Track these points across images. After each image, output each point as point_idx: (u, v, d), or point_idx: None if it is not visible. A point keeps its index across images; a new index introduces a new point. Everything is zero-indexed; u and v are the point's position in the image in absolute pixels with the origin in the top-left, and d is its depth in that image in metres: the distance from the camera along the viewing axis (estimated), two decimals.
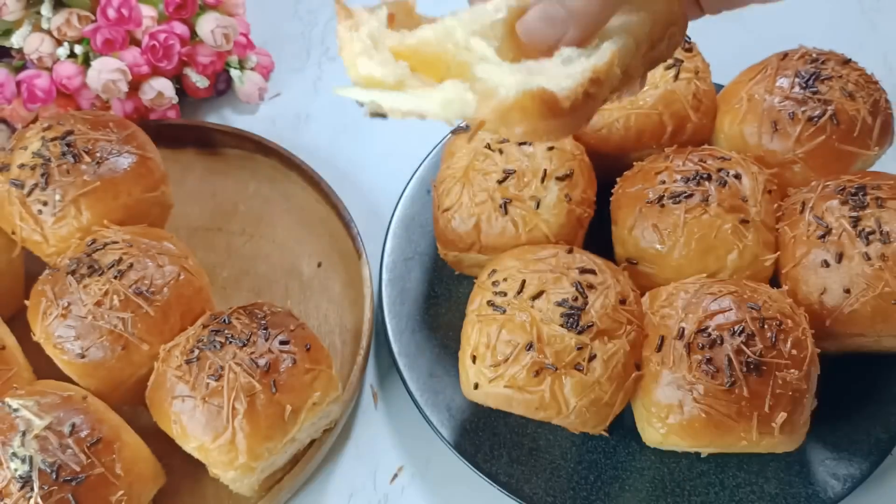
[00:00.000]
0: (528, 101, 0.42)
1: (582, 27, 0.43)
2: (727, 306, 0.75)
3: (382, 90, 0.44)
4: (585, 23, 0.43)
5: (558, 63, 0.44)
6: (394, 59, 0.45)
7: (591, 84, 0.43)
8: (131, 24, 0.99)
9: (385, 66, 0.44)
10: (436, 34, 0.46)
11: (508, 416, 0.81)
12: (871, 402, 0.83)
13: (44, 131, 0.89)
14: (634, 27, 0.48)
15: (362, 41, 0.45)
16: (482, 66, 0.44)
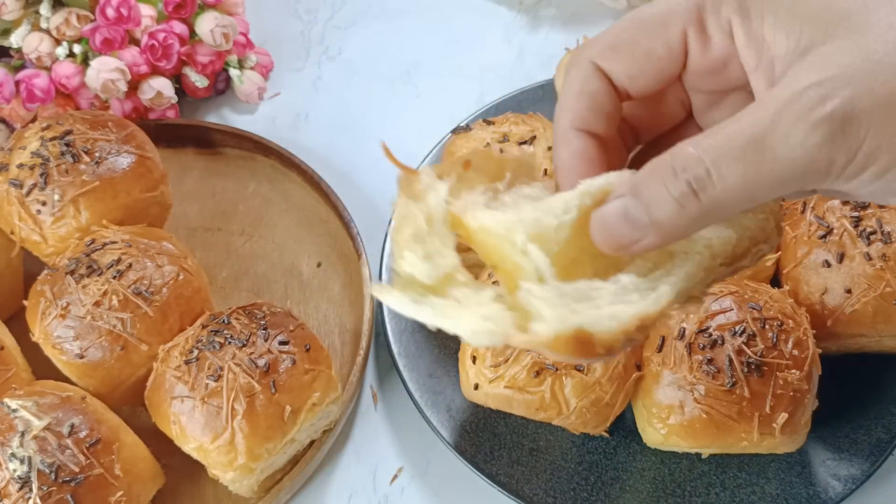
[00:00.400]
0: (563, 343, 0.38)
1: (662, 238, 0.38)
2: (728, 306, 0.75)
3: (418, 295, 0.41)
4: (667, 235, 0.38)
5: (612, 292, 0.39)
6: (443, 248, 0.41)
7: (637, 330, 0.38)
8: (130, 23, 0.99)
9: (429, 260, 0.40)
10: (497, 225, 0.41)
11: (509, 416, 0.81)
12: (872, 402, 0.83)
13: (42, 131, 0.89)
14: (716, 245, 0.41)
15: (415, 224, 0.40)
16: (527, 287, 0.39)
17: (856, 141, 0.34)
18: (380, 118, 1.12)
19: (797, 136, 0.34)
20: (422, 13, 1.24)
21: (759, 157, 0.35)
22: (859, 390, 0.84)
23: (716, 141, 0.36)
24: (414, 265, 0.39)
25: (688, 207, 0.37)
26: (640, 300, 0.39)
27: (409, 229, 0.40)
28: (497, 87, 1.12)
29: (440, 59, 1.18)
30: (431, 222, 0.41)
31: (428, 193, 0.41)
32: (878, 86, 0.34)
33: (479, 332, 0.39)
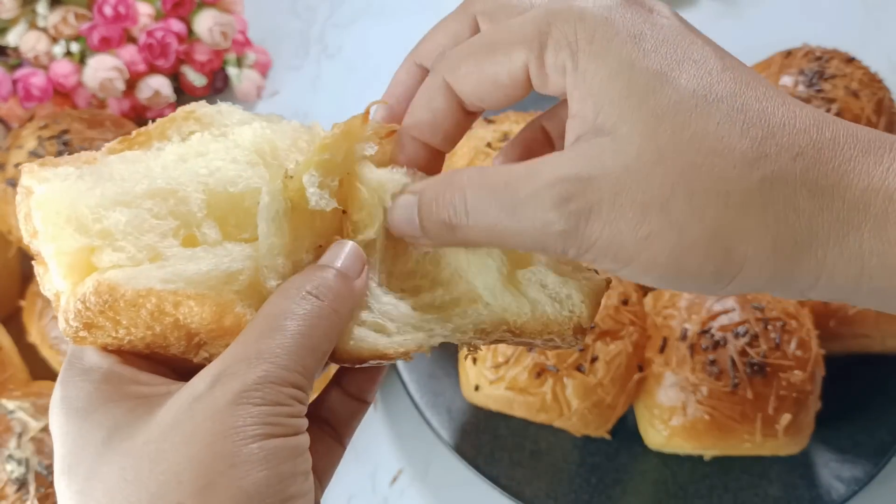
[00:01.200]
0: None
1: (433, 245, 0.44)
2: (731, 307, 0.74)
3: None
4: (435, 244, 0.43)
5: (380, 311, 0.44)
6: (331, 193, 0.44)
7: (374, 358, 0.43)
8: (128, 21, 0.99)
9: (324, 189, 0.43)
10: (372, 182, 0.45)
11: (509, 418, 0.80)
12: (875, 403, 0.82)
13: (40, 130, 0.88)
14: (509, 314, 0.45)
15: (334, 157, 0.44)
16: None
17: (586, 242, 0.37)
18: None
19: (541, 220, 0.38)
20: (422, 11, 1.23)
21: (508, 219, 0.39)
22: (863, 391, 0.83)
23: (483, 186, 0.40)
24: (311, 184, 0.42)
25: (445, 233, 0.41)
26: (399, 336, 0.43)
27: (327, 155, 0.43)
28: None
29: None
30: (345, 165, 0.44)
31: (361, 142, 0.45)
32: (623, 204, 0.36)
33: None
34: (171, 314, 0.39)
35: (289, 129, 0.45)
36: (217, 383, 0.37)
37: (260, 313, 0.40)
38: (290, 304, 0.39)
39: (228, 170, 0.43)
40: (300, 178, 0.42)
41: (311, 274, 0.41)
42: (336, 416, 0.47)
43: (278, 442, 0.36)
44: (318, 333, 0.39)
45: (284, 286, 0.41)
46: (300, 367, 0.38)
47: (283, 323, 0.39)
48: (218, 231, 0.42)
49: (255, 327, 0.39)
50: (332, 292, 0.40)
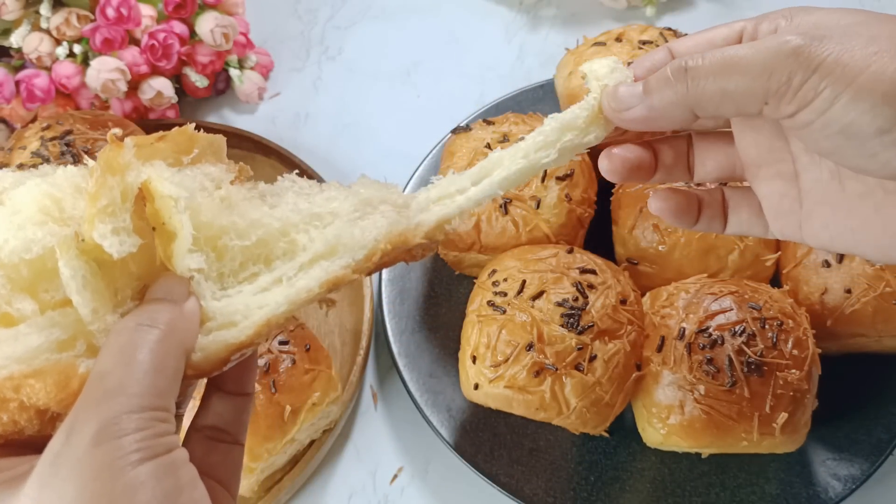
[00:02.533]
0: None
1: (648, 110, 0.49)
2: (728, 306, 0.75)
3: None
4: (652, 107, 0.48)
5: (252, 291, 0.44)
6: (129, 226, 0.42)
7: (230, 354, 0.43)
8: (130, 23, 0.99)
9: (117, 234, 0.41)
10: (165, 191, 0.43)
11: (509, 416, 0.81)
12: (872, 402, 0.83)
13: (43, 131, 0.89)
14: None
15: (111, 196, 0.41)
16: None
17: (817, 57, 0.40)
18: (380, 118, 1.12)
19: (777, 39, 0.41)
20: (422, 13, 1.24)
21: (742, 48, 0.43)
22: (859, 390, 0.83)
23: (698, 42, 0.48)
24: (104, 237, 0.40)
25: (676, 80, 0.44)
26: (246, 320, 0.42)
27: (104, 201, 0.40)
28: (497, 87, 1.12)
29: (440, 59, 1.18)
30: (126, 198, 0.41)
31: (128, 170, 0.42)
32: (851, 31, 0.41)
33: None
34: (14, 398, 0.38)
35: (67, 178, 0.43)
36: (72, 433, 0.36)
37: (97, 359, 0.39)
38: (127, 338, 0.39)
39: (17, 238, 0.40)
40: (90, 237, 0.40)
41: (138, 311, 0.41)
42: (224, 418, 0.47)
43: (152, 464, 0.36)
44: (163, 355, 0.39)
45: (114, 329, 0.40)
46: (153, 390, 0.38)
47: (124, 356, 0.38)
48: (31, 301, 0.41)
49: (97, 372, 0.38)
50: (163, 318, 0.40)
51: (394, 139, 1.10)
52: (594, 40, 0.94)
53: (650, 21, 1.19)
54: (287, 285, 0.43)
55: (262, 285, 0.44)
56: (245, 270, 0.45)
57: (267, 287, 0.44)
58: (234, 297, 0.43)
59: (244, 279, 0.45)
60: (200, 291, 0.43)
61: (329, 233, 0.45)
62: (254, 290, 0.44)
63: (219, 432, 0.47)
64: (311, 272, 0.44)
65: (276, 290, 0.43)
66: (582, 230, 0.86)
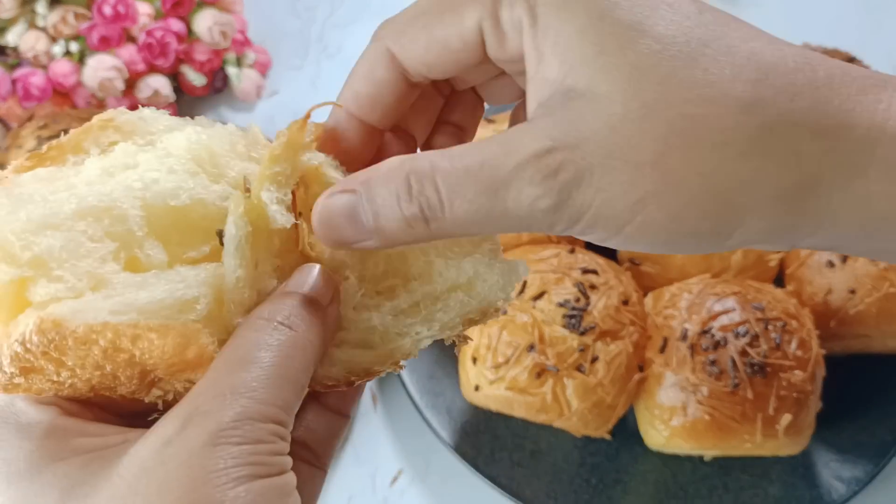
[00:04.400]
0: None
1: (384, 244, 0.38)
2: (731, 307, 0.74)
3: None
4: (389, 244, 0.38)
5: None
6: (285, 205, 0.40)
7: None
8: (127, 21, 0.98)
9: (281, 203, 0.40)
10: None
11: (509, 418, 0.80)
12: (876, 404, 0.82)
13: (39, 130, 0.88)
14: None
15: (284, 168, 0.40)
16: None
17: (577, 213, 0.35)
18: None
19: (528, 198, 0.34)
20: None
21: (491, 204, 0.35)
22: (863, 391, 0.83)
23: (456, 172, 0.35)
24: (272, 201, 0.39)
25: (416, 228, 0.37)
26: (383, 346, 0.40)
27: (279, 167, 0.39)
28: None
29: None
30: (295, 175, 0.40)
31: (306, 150, 0.41)
32: (614, 166, 0.34)
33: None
34: (128, 350, 0.35)
35: (224, 134, 0.41)
36: (189, 424, 0.33)
37: (229, 345, 0.36)
38: (262, 336, 0.36)
39: (167, 181, 0.38)
40: (258, 196, 0.38)
41: (280, 302, 0.38)
42: (315, 435, 0.43)
43: (264, 483, 0.33)
44: (295, 364, 0.36)
45: (252, 317, 0.37)
46: (279, 401, 0.35)
47: (257, 355, 0.35)
48: (163, 251, 0.38)
49: (226, 360, 0.35)
50: (305, 321, 0.37)
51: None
52: None
53: None
54: (427, 315, 0.41)
55: (401, 306, 0.41)
56: (385, 280, 0.42)
57: (405, 311, 0.41)
58: (373, 313, 0.41)
59: (383, 290, 0.42)
60: (345, 294, 0.41)
61: (467, 266, 0.42)
62: (392, 310, 0.41)
63: (305, 450, 0.42)
64: (450, 304, 0.41)
65: (415, 319, 0.41)
66: None
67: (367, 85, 0.41)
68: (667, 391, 0.73)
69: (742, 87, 0.33)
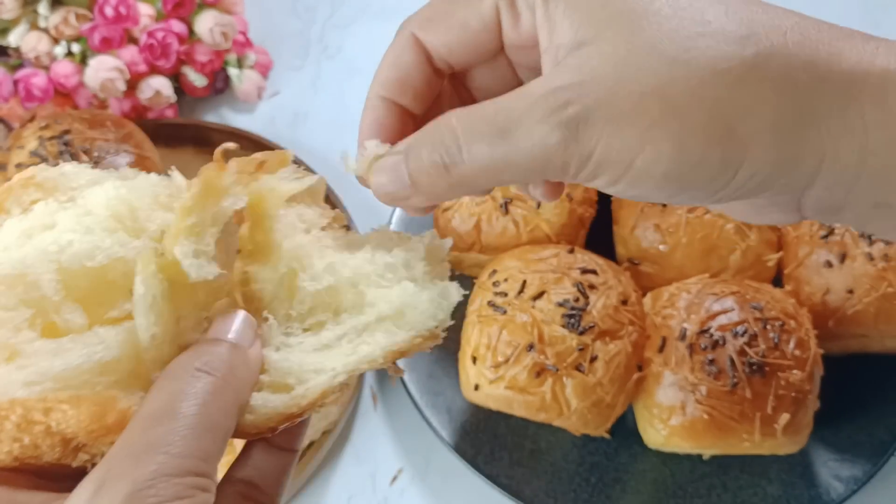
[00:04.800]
0: None
1: (426, 200, 0.41)
2: (729, 307, 0.74)
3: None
4: (427, 198, 0.41)
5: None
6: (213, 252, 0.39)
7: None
8: (129, 22, 0.99)
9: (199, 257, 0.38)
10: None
11: (509, 417, 0.81)
12: (874, 403, 0.82)
13: (41, 130, 0.89)
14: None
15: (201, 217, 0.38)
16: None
17: (587, 149, 0.35)
18: None
19: (538, 135, 0.36)
20: None
21: (505, 145, 0.36)
22: (861, 391, 0.83)
23: (473, 118, 0.37)
24: (186, 256, 0.37)
25: (440, 177, 0.39)
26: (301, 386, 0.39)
27: (195, 219, 0.38)
28: None
29: None
30: (217, 222, 0.39)
31: (225, 194, 0.39)
32: (619, 99, 0.35)
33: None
34: (42, 422, 0.34)
35: (146, 185, 0.40)
36: (101, 489, 0.32)
37: (144, 402, 0.35)
38: (180, 385, 0.35)
39: (83, 242, 0.37)
40: (171, 251, 0.37)
41: (199, 350, 0.37)
42: (262, 473, 0.42)
43: None
44: (215, 411, 0.35)
45: (171, 367, 0.36)
46: (199, 452, 0.34)
47: (175, 406, 0.34)
48: (82, 314, 0.37)
49: (141, 418, 0.34)
50: (226, 365, 0.37)
51: None
52: None
53: None
54: (348, 350, 0.40)
55: (325, 341, 0.41)
56: (312, 317, 0.42)
57: (329, 344, 0.40)
58: (293, 352, 0.40)
59: (309, 327, 0.42)
60: (266, 336, 0.40)
61: (394, 295, 0.41)
62: (315, 345, 0.40)
63: (254, 490, 0.42)
64: (376, 336, 0.41)
65: (336, 354, 0.40)
66: (583, 230, 0.86)
67: (395, 70, 0.43)
68: (665, 390, 0.73)
69: (737, 25, 0.35)
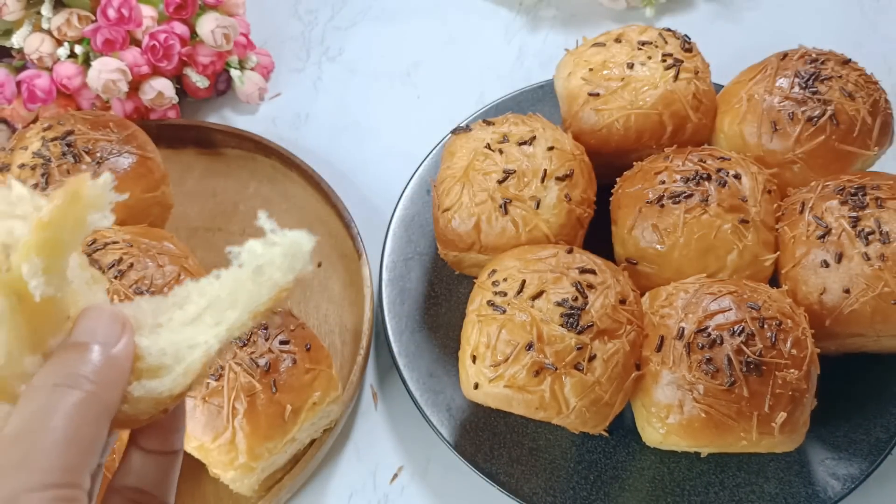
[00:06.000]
0: None
1: None
2: (727, 306, 0.75)
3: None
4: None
5: None
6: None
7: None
8: (131, 24, 0.99)
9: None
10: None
11: (508, 415, 0.81)
12: (870, 401, 0.83)
13: (44, 131, 0.89)
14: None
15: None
16: None
17: None
18: (380, 118, 1.12)
19: None
20: (422, 13, 1.24)
21: None
22: (858, 390, 0.84)
23: None
24: (33, 274, 0.35)
25: None
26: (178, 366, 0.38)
27: (52, 234, 0.36)
28: (497, 88, 1.12)
29: (440, 59, 1.19)
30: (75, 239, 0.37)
31: (92, 208, 0.37)
32: None
33: None
34: None
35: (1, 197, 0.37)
36: None
37: (9, 422, 0.35)
38: (40, 403, 0.35)
39: None
40: (18, 268, 0.35)
41: (59, 361, 0.36)
42: (147, 479, 0.42)
43: None
44: (81, 424, 0.35)
45: (32, 383, 0.36)
46: (62, 465, 0.34)
47: (34, 425, 0.34)
48: None
49: (3, 439, 0.34)
50: (86, 374, 0.36)
51: (394, 139, 1.10)
52: (593, 41, 0.95)
53: (649, 22, 1.19)
54: (215, 320, 0.39)
55: (191, 315, 0.39)
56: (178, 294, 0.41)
57: (196, 317, 0.39)
58: (163, 331, 0.39)
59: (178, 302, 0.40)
60: (139, 320, 0.38)
61: (249, 254, 0.39)
62: (182, 321, 0.39)
63: (142, 494, 0.42)
64: (238, 299, 0.39)
65: (204, 326, 0.39)
66: (581, 230, 0.87)
67: None
68: (663, 389, 0.74)
69: None
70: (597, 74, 0.91)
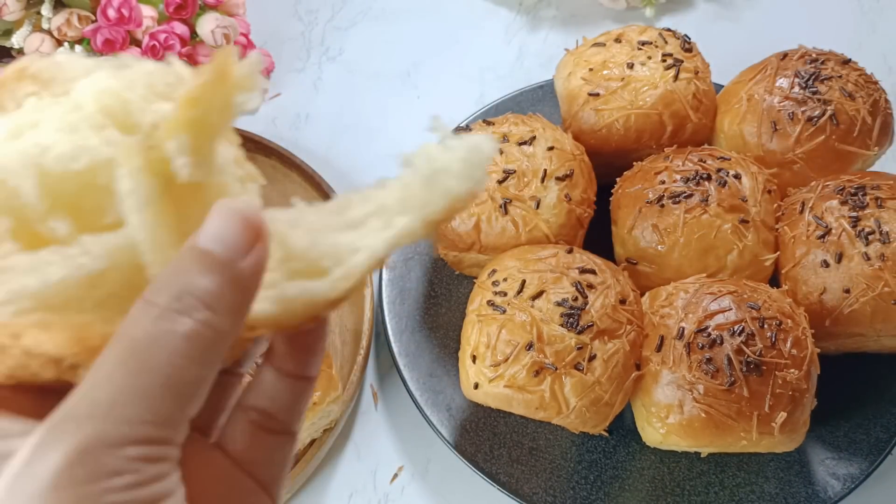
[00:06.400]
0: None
1: None
2: (727, 306, 0.75)
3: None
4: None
5: None
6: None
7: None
8: (131, 24, 0.99)
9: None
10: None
11: (508, 415, 0.81)
12: (870, 401, 0.83)
13: None
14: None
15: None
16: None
17: None
18: (380, 118, 1.12)
19: None
20: (422, 13, 1.24)
21: None
22: (858, 389, 0.84)
23: None
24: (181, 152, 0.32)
25: None
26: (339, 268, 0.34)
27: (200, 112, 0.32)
28: (497, 88, 1.12)
29: (440, 59, 1.19)
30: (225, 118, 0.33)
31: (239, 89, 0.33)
32: None
33: None
34: (17, 345, 0.30)
35: (141, 74, 0.35)
36: (37, 456, 0.27)
37: (107, 346, 0.29)
38: (138, 330, 0.29)
39: (66, 143, 0.32)
40: (163, 146, 0.31)
41: (172, 271, 0.30)
42: (276, 402, 0.38)
43: None
44: (186, 361, 0.29)
45: (141, 301, 0.29)
46: (154, 416, 0.28)
47: (129, 359, 0.28)
48: (69, 222, 0.32)
49: (95, 369, 0.29)
50: (205, 296, 0.29)
51: (394, 139, 1.10)
52: (593, 41, 0.95)
53: (649, 22, 1.19)
54: (380, 225, 0.34)
55: (351, 220, 0.35)
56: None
57: (357, 223, 0.35)
58: (321, 233, 0.34)
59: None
60: (292, 220, 0.34)
61: (424, 159, 0.36)
62: (341, 225, 0.35)
63: (269, 418, 0.37)
64: (411, 205, 0.35)
65: (368, 231, 0.34)
66: (581, 230, 0.87)
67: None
68: (663, 389, 0.74)
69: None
70: (597, 74, 0.91)
